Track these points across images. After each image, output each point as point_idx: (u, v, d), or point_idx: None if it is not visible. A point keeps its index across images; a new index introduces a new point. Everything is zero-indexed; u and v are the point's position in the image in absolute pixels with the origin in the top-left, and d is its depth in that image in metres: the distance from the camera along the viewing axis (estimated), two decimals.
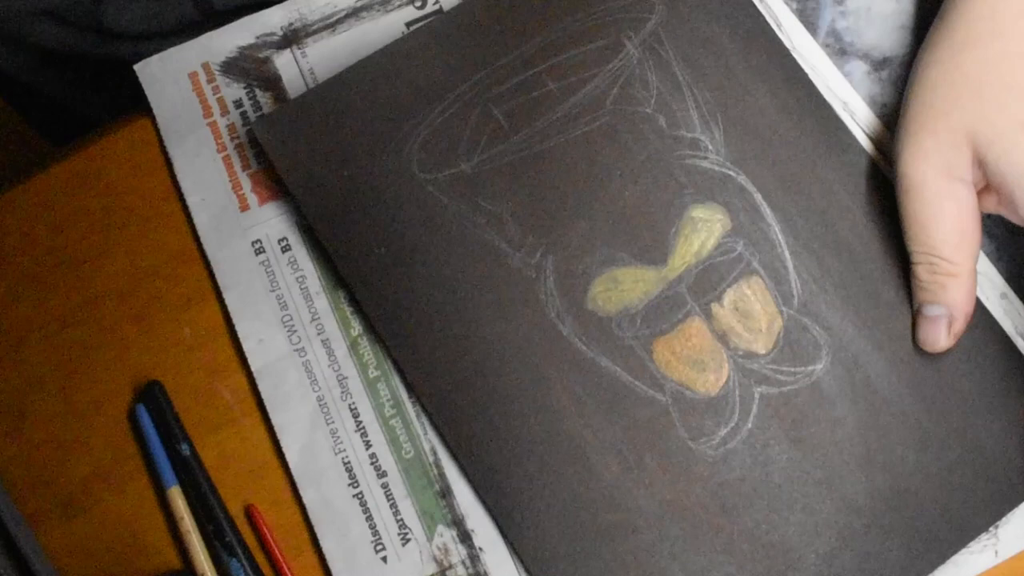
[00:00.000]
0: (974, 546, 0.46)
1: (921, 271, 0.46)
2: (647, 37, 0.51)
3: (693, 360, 0.47)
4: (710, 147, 0.50)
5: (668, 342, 0.47)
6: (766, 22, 0.51)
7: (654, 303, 0.48)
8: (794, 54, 0.51)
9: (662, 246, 0.48)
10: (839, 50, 0.52)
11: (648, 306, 0.48)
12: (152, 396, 0.48)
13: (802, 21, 0.52)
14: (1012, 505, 0.46)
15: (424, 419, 0.48)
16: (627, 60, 0.50)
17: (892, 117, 0.51)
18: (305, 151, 0.49)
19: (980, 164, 0.46)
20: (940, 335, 0.46)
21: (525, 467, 0.46)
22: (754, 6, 0.51)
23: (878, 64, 0.52)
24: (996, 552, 0.46)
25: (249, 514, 0.47)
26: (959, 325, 0.46)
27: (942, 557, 0.46)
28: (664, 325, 0.47)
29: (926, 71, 0.48)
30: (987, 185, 0.47)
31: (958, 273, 0.46)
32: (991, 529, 0.46)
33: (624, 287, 0.48)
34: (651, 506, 0.46)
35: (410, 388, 0.48)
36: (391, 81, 0.50)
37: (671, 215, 0.49)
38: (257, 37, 0.53)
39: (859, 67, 0.52)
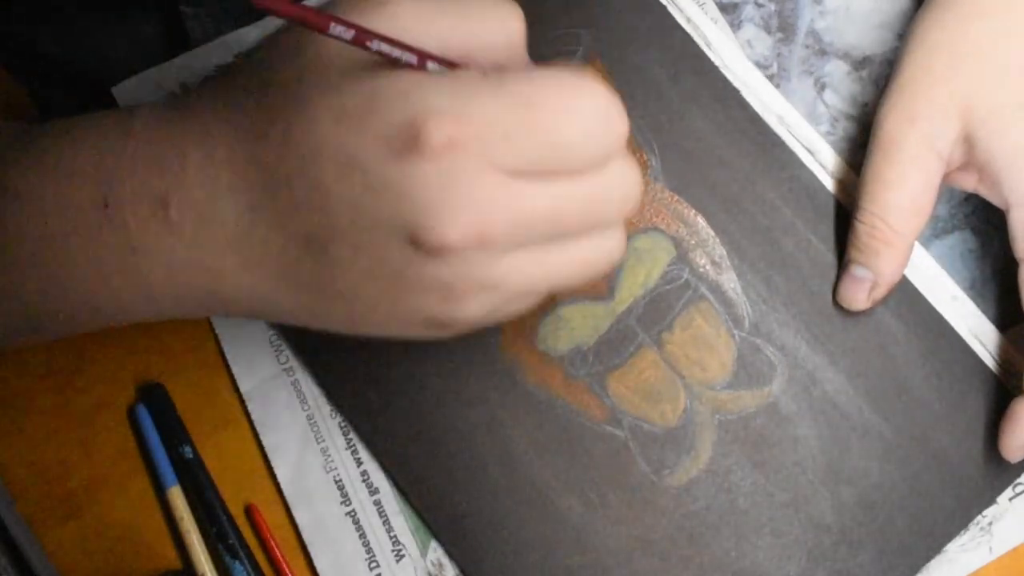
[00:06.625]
0: (968, 543, 0.46)
1: (862, 230, 0.46)
2: None
3: (648, 392, 0.47)
4: (648, 175, 0.49)
5: (622, 376, 0.47)
6: (695, 43, 0.51)
7: (605, 338, 0.47)
8: (725, 72, 0.50)
9: (608, 280, 0.48)
10: (819, 50, 0.52)
11: (599, 341, 0.47)
12: (154, 399, 0.48)
13: (781, 22, 0.52)
14: (980, 509, 0.46)
15: None
16: None
17: (866, 119, 0.50)
18: None
19: (966, 140, 0.45)
20: (860, 296, 0.47)
21: (488, 516, 0.45)
22: (681, 28, 0.51)
23: (858, 63, 0.51)
24: (990, 548, 0.46)
25: (249, 514, 0.47)
26: (880, 292, 0.46)
27: (914, 568, 0.45)
28: (616, 359, 0.47)
29: (929, 33, 0.46)
30: (967, 163, 0.45)
31: (896, 243, 0.45)
32: (985, 526, 0.46)
33: (573, 324, 0.47)
34: (619, 544, 0.45)
35: (367, 447, 0.48)
36: None
37: None
38: (235, 56, 0.52)
39: (839, 67, 0.51)
